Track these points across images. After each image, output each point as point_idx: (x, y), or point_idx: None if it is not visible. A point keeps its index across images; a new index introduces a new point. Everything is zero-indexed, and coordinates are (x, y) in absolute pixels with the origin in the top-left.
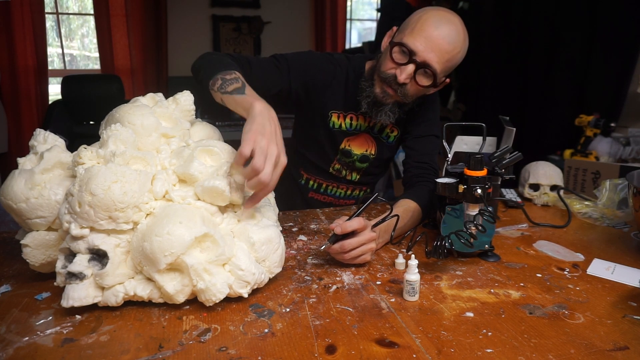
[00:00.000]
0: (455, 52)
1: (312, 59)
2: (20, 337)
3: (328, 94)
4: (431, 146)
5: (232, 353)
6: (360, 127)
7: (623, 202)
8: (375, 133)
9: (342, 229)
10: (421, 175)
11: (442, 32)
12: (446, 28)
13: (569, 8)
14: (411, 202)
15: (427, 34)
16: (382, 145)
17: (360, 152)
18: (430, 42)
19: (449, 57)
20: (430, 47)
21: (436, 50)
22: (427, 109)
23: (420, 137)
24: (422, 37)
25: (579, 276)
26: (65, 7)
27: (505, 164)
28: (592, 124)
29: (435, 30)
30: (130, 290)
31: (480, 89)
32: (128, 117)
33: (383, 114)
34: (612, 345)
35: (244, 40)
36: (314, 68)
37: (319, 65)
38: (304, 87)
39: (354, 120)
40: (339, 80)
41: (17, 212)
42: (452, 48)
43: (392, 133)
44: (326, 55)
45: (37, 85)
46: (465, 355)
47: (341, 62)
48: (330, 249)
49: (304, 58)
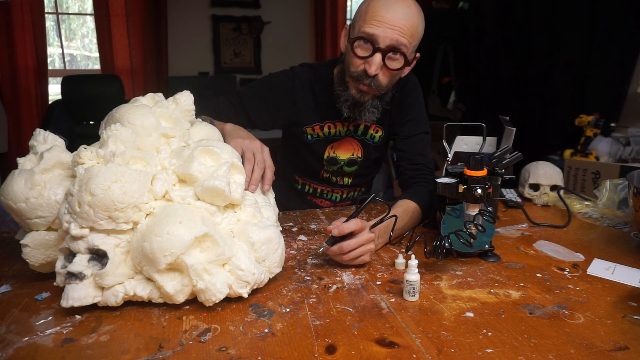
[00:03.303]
0: (415, 25)
1: (265, 84)
2: (20, 337)
3: (296, 110)
4: (422, 145)
5: (232, 353)
6: (340, 132)
7: (623, 202)
8: (358, 136)
9: (340, 231)
10: (417, 176)
11: (395, 11)
12: (397, 6)
13: (569, 8)
14: (410, 202)
15: (380, 17)
16: (367, 146)
17: (346, 157)
18: (387, 24)
19: (410, 32)
20: (390, 28)
21: (396, 30)
22: (410, 108)
23: (408, 137)
24: (378, 22)
25: (579, 276)
26: (65, 7)
27: (505, 164)
28: (592, 124)
29: (387, 12)
30: (130, 290)
31: (480, 89)
32: (128, 117)
33: (366, 112)
34: (612, 345)
35: (244, 41)
36: (269, 92)
37: (275, 85)
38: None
39: (332, 128)
40: (303, 94)
41: (17, 212)
42: (410, 23)
43: (376, 133)
44: (284, 73)
45: (37, 85)
46: (465, 355)
47: (301, 74)
48: (329, 250)
49: (256, 87)
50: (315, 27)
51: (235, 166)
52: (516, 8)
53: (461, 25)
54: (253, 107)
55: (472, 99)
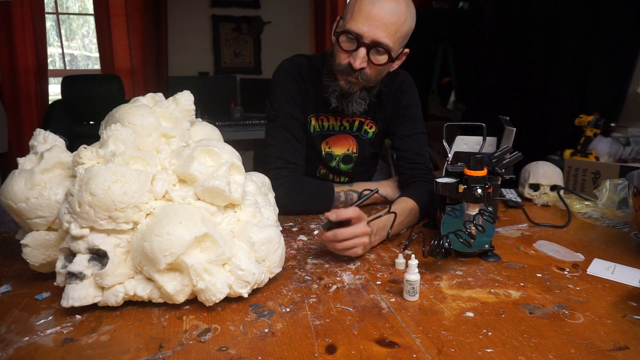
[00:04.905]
0: (402, 22)
1: (281, 84)
2: (20, 337)
3: (305, 98)
4: (420, 144)
5: (232, 353)
6: (333, 127)
7: (623, 202)
8: (353, 132)
9: (337, 216)
10: (416, 176)
11: (381, 7)
12: (384, 1)
13: (569, 8)
14: (409, 200)
15: (366, 13)
16: (362, 142)
17: (341, 152)
18: (372, 20)
19: (395, 28)
20: (375, 25)
21: (380, 26)
22: (407, 108)
23: (406, 136)
24: (363, 18)
25: (579, 276)
26: (65, 7)
27: (505, 164)
28: (592, 124)
29: (373, 7)
30: (130, 290)
31: (480, 89)
32: (128, 117)
33: (353, 102)
34: (612, 345)
35: (244, 41)
36: (290, 86)
37: (289, 79)
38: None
39: (325, 121)
40: (304, 82)
41: (17, 212)
42: (396, 19)
43: (370, 129)
44: (285, 65)
45: (37, 85)
46: (465, 355)
47: (302, 64)
48: (324, 236)
49: (278, 93)
50: (315, 27)
51: (235, 166)
52: (516, 8)
53: (461, 25)
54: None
55: (472, 99)
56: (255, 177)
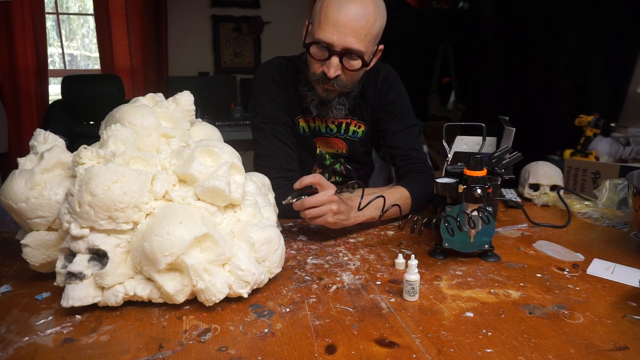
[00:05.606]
0: (371, 24)
1: (261, 90)
2: (20, 337)
3: (288, 100)
4: (411, 138)
5: (232, 353)
6: (320, 128)
7: (623, 202)
8: (341, 135)
9: (299, 183)
10: (412, 170)
11: (347, 13)
12: (349, 5)
13: (569, 8)
14: (400, 187)
15: (334, 21)
16: (352, 142)
17: (331, 152)
18: (340, 28)
19: (365, 32)
20: (344, 32)
21: (350, 32)
22: (394, 103)
23: (397, 132)
24: (331, 27)
25: (579, 276)
26: (65, 7)
27: (505, 164)
28: (592, 124)
29: (339, 13)
30: (130, 290)
31: (480, 89)
32: (128, 117)
33: (333, 109)
34: (612, 345)
35: (244, 41)
36: (272, 90)
37: (271, 79)
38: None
39: (311, 122)
40: (289, 84)
41: (17, 212)
42: (364, 23)
43: (358, 129)
44: (263, 69)
45: (37, 85)
46: (465, 355)
47: (282, 66)
48: (293, 205)
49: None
50: None
51: (235, 166)
52: (516, 8)
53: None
54: (279, 115)
55: (472, 99)
56: (255, 177)
